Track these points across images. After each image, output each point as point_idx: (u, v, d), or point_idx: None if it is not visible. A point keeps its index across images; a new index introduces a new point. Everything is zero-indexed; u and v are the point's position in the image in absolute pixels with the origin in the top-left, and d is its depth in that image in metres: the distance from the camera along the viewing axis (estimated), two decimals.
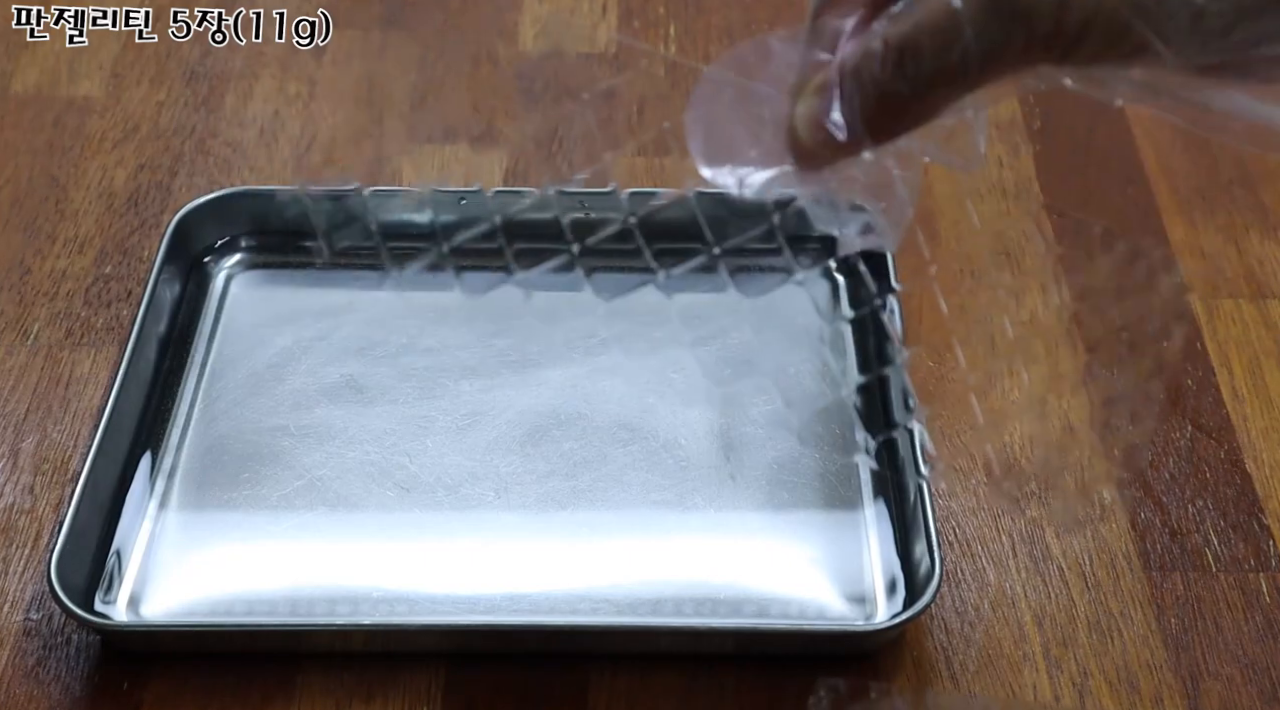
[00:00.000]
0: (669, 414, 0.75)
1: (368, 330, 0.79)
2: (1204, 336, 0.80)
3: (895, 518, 0.70)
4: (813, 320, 0.79)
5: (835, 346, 0.78)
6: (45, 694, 0.65)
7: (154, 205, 0.87)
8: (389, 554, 0.69)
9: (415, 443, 0.74)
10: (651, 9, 1.03)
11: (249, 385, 0.76)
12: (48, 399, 0.77)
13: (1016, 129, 0.93)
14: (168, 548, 0.69)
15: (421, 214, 0.85)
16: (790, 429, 0.73)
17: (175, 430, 0.74)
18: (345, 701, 0.65)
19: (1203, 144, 0.92)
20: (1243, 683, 0.66)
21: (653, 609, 0.67)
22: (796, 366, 0.75)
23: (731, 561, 0.69)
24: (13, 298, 0.82)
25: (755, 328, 0.78)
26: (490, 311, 0.80)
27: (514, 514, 0.71)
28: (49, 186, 0.89)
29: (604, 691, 0.66)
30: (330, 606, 0.67)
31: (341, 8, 1.02)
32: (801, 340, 0.76)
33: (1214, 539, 0.71)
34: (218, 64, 0.98)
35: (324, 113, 0.94)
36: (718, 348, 0.77)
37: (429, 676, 0.66)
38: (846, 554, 0.69)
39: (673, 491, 0.72)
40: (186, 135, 0.92)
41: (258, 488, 0.72)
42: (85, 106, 0.94)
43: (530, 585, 0.68)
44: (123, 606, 0.67)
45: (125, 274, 0.83)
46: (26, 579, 0.69)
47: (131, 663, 0.66)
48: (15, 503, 0.72)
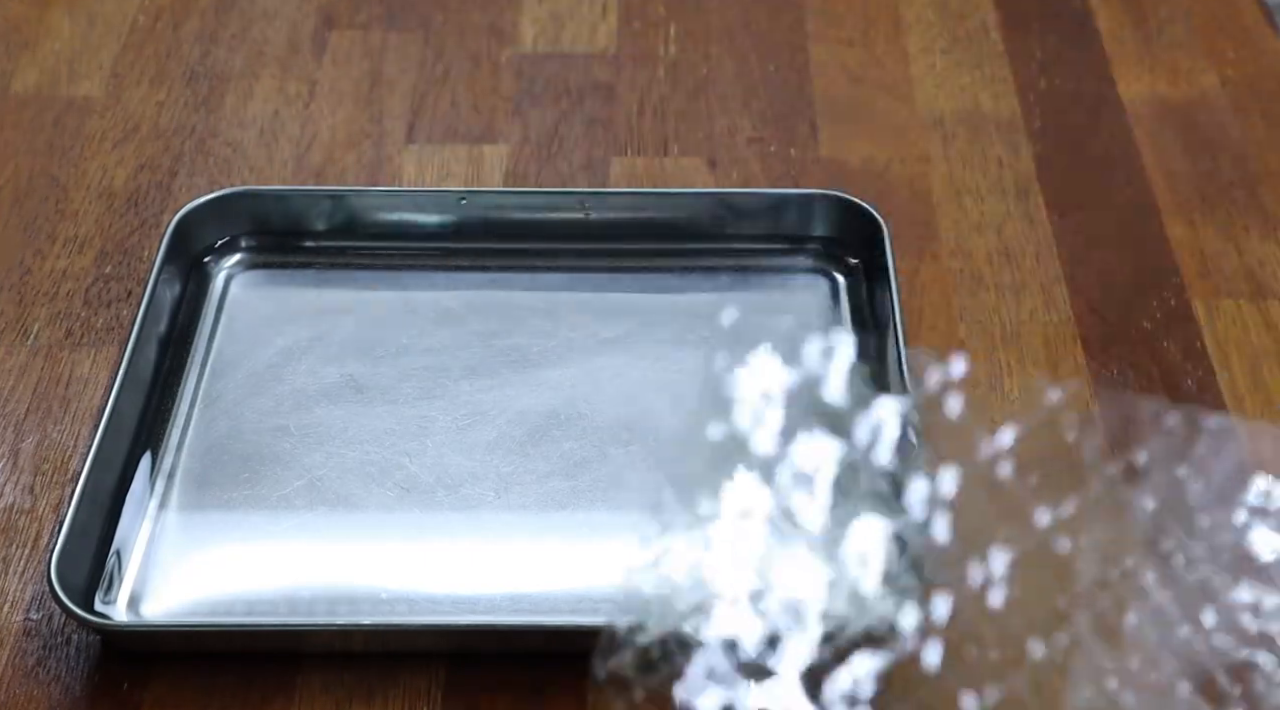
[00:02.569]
0: (669, 414, 0.75)
1: (368, 330, 0.79)
2: (1204, 336, 0.80)
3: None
4: (813, 319, 0.79)
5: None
6: (45, 694, 0.65)
7: (154, 205, 0.87)
8: (389, 554, 0.69)
9: (415, 443, 0.74)
10: (651, 9, 1.03)
11: (249, 385, 0.76)
12: (48, 399, 0.77)
13: (1016, 129, 0.93)
14: (168, 548, 0.69)
15: (421, 214, 0.85)
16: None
17: (175, 430, 0.74)
18: (345, 701, 0.65)
19: (1203, 144, 0.92)
20: None
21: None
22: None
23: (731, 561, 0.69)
24: (13, 298, 0.82)
25: (755, 327, 0.78)
26: (490, 311, 0.80)
27: (514, 514, 0.71)
28: (49, 186, 0.89)
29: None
30: (330, 606, 0.67)
31: (341, 8, 1.02)
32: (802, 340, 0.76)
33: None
34: (218, 64, 0.98)
35: (324, 113, 0.94)
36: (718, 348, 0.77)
37: (429, 676, 0.66)
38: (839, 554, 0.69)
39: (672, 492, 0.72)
40: (186, 135, 0.92)
41: (258, 488, 0.72)
42: (85, 106, 0.94)
43: (530, 585, 0.68)
44: (123, 606, 0.67)
45: (125, 274, 0.83)
46: (26, 579, 0.69)
47: (131, 663, 0.66)
48: (15, 503, 0.72)
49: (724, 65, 0.98)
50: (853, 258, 0.82)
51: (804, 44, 1.00)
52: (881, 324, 0.77)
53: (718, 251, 0.84)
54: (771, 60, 0.99)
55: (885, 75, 0.98)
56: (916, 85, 0.97)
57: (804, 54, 0.99)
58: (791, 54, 0.99)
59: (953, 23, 1.01)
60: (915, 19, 1.02)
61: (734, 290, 0.82)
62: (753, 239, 0.85)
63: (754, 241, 0.85)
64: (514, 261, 0.84)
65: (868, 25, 1.01)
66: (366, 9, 1.02)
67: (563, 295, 0.82)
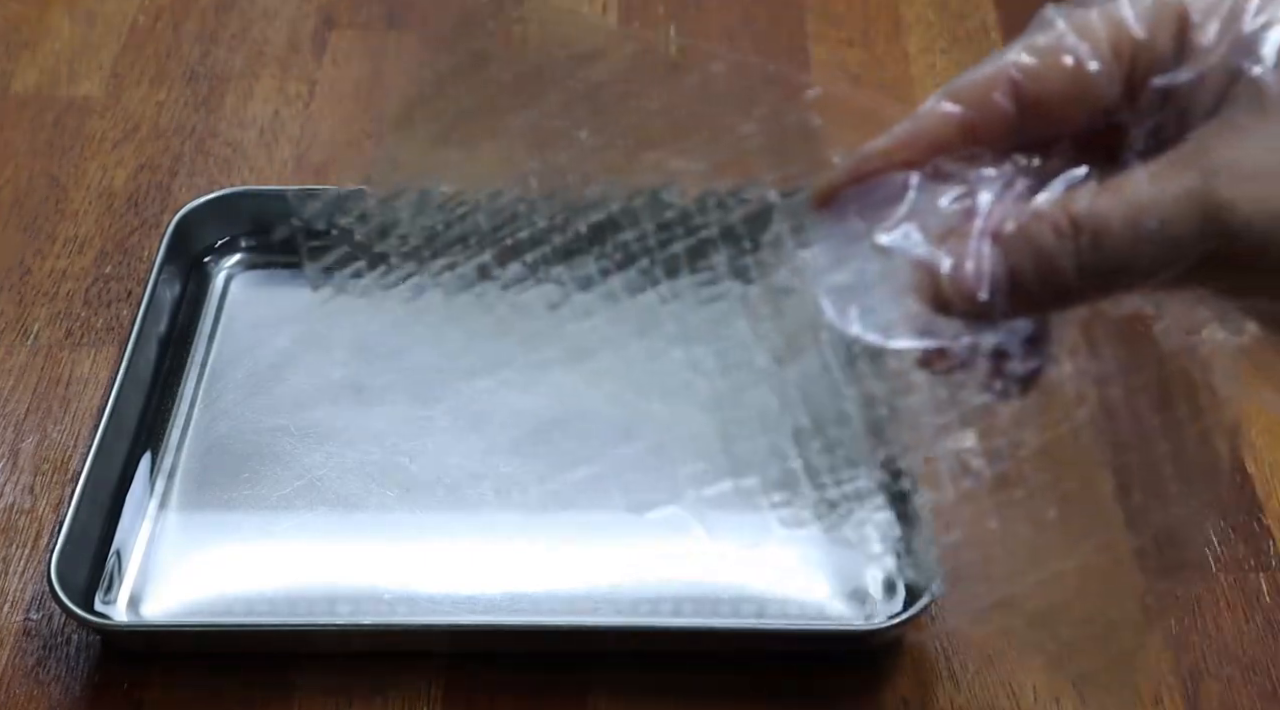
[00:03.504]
0: (669, 414, 0.75)
1: (368, 330, 0.79)
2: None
3: (895, 516, 0.70)
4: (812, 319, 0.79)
5: (835, 347, 0.78)
6: (45, 694, 0.65)
7: (154, 205, 0.87)
8: (389, 554, 0.69)
9: (415, 443, 0.74)
10: (651, 9, 1.03)
11: (249, 385, 0.76)
12: (48, 399, 0.77)
13: None
14: (168, 548, 0.69)
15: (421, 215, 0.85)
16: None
17: (175, 430, 0.74)
18: (345, 701, 0.65)
19: None
20: (1243, 683, 0.66)
21: (653, 609, 0.67)
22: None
23: (731, 561, 0.69)
24: (13, 298, 0.82)
25: (756, 327, 0.78)
26: (490, 311, 0.80)
27: (514, 514, 0.71)
28: (49, 186, 0.89)
29: (604, 691, 0.66)
30: (330, 606, 0.67)
31: (341, 8, 1.02)
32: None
33: (1214, 539, 0.71)
34: (218, 64, 0.98)
35: (324, 113, 0.94)
36: (719, 348, 0.77)
37: (429, 676, 0.66)
38: (846, 554, 0.69)
39: (673, 491, 0.72)
40: (186, 135, 0.92)
41: (258, 488, 0.72)
42: (85, 106, 0.94)
43: (530, 585, 0.68)
44: (123, 606, 0.67)
45: (125, 274, 0.83)
46: (26, 579, 0.69)
47: (131, 663, 0.66)
48: (15, 503, 0.72)
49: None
50: None
51: (804, 44, 1.00)
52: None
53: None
54: (771, 60, 0.99)
55: (885, 75, 0.97)
56: (916, 85, 0.96)
57: (804, 54, 0.99)
58: (791, 54, 0.99)
59: (953, 23, 1.01)
60: (915, 19, 1.02)
61: (735, 291, 0.82)
62: (756, 240, 0.84)
63: (755, 241, 0.84)
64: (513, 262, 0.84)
65: (868, 25, 1.01)
66: (366, 9, 1.02)
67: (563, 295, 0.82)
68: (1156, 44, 0.40)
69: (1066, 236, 0.39)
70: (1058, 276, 0.39)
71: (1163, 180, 0.38)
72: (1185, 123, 0.39)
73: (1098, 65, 0.40)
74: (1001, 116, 0.41)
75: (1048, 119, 0.41)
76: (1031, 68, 0.41)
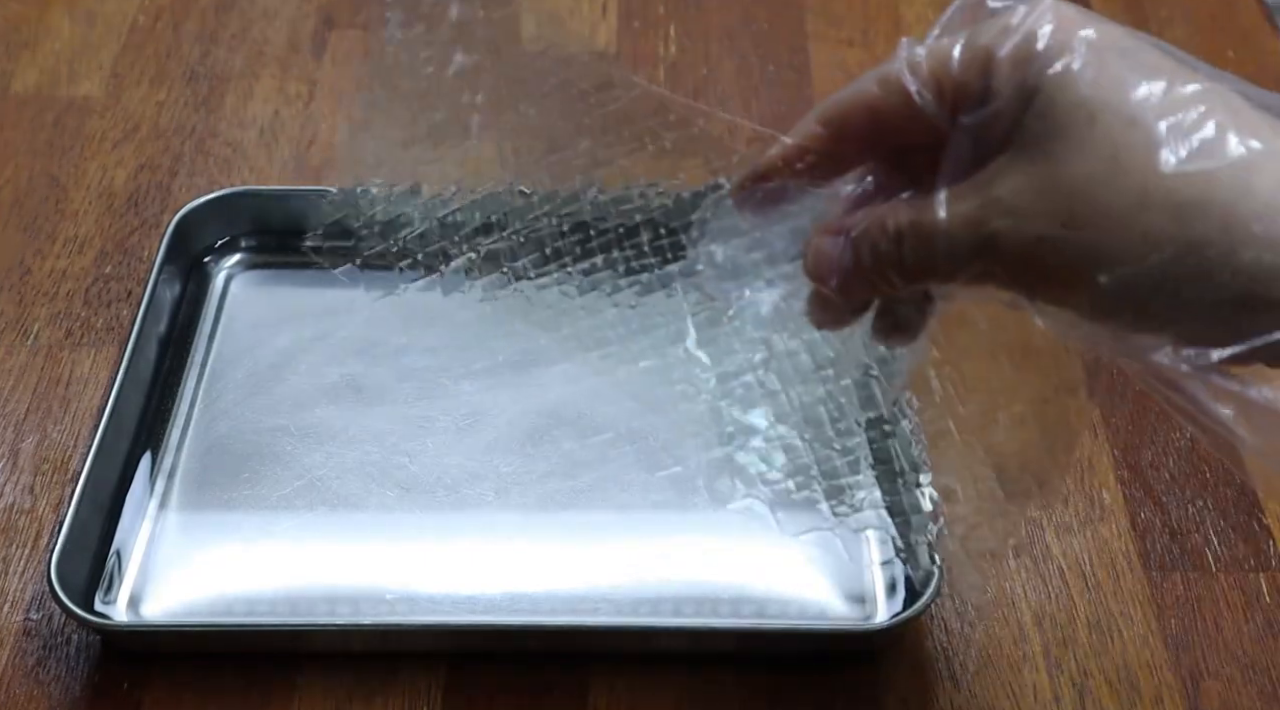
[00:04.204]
0: (669, 414, 0.75)
1: (368, 330, 0.79)
2: None
3: (895, 516, 0.70)
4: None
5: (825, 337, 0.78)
6: (45, 694, 0.65)
7: (154, 205, 0.87)
8: (389, 554, 0.69)
9: (415, 443, 0.74)
10: (651, 9, 1.03)
11: (249, 385, 0.76)
12: (48, 399, 0.77)
13: None
14: (168, 548, 0.69)
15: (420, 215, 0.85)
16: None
17: (175, 430, 0.74)
18: (345, 701, 0.65)
19: None
20: (1243, 683, 0.66)
21: (653, 609, 0.67)
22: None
23: (731, 561, 0.69)
24: (13, 298, 0.82)
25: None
26: (490, 311, 0.80)
27: (514, 514, 0.71)
28: (49, 186, 0.89)
29: (604, 691, 0.66)
30: (330, 606, 0.67)
31: (341, 8, 1.02)
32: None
33: (1214, 539, 0.71)
34: (218, 64, 0.98)
35: (324, 113, 0.94)
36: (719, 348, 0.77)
37: (429, 676, 0.66)
38: (846, 554, 0.69)
39: (673, 491, 0.72)
40: (186, 135, 0.92)
41: (258, 488, 0.72)
42: (85, 106, 0.94)
43: (530, 585, 0.68)
44: (123, 606, 0.67)
45: (125, 274, 0.83)
46: (26, 579, 0.69)
47: (131, 663, 0.66)
48: (15, 503, 0.72)
49: (724, 65, 0.98)
50: None
51: (804, 44, 1.00)
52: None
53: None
54: (771, 60, 0.99)
55: None
56: None
57: (804, 54, 0.99)
58: (791, 54, 0.99)
59: None
60: (915, 19, 1.02)
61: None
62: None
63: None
64: (513, 261, 0.84)
65: (868, 25, 1.01)
66: (366, 9, 1.02)
67: (563, 295, 0.82)
68: (969, 83, 0.47)
69: (892, 241, 0.49)
70: (886, 268, 0.49)
71: (952, 206, 0.47)
72: (984, 154, 0.46)
73: (925, 97, 0.48)
74: (855, 134, 0.51)
75: (897, 136, 0.50)
76: (875, 97, 0.49)
